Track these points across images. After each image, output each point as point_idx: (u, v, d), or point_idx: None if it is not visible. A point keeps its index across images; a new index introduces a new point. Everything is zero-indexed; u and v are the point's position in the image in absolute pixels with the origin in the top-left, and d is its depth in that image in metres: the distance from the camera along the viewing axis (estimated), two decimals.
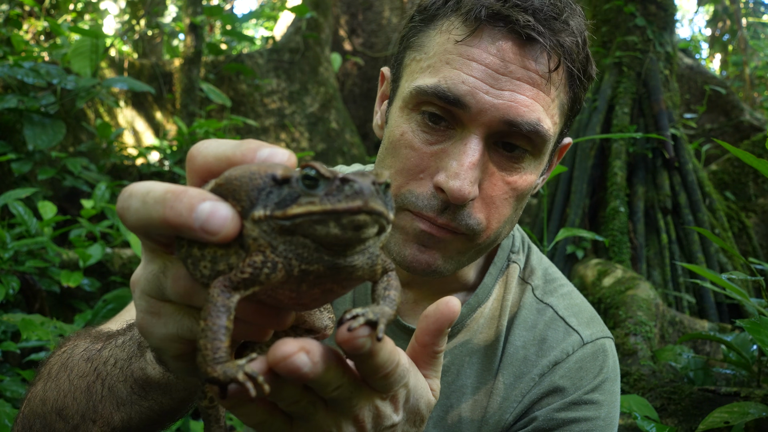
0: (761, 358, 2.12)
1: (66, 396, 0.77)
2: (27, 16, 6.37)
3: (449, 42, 0.87)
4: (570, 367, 1.00)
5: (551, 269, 1.14)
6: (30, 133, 3.81)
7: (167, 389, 0.70)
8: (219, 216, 0.45)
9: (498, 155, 0.89)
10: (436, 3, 0.91)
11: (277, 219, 0.45)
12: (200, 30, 5.80)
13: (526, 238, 1.19)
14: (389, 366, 0.51)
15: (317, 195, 0.44)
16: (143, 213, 0.48)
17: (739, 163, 5.18)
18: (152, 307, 0.54)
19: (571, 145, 4.14)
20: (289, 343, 0.45)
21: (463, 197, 0.84)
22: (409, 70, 0.93)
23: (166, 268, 0.52)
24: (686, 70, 7.50)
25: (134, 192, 0.49)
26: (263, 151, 0.49)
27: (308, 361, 0.45)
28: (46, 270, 3.14)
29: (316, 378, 0.47)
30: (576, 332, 1.03)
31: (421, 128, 0.90)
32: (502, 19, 0.83)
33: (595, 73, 0.96)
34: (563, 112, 0.92)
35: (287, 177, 0.45)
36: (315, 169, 0.45)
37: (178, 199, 0.45)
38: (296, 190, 0.45)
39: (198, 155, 0.51)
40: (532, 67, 0.84)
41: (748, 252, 4.64)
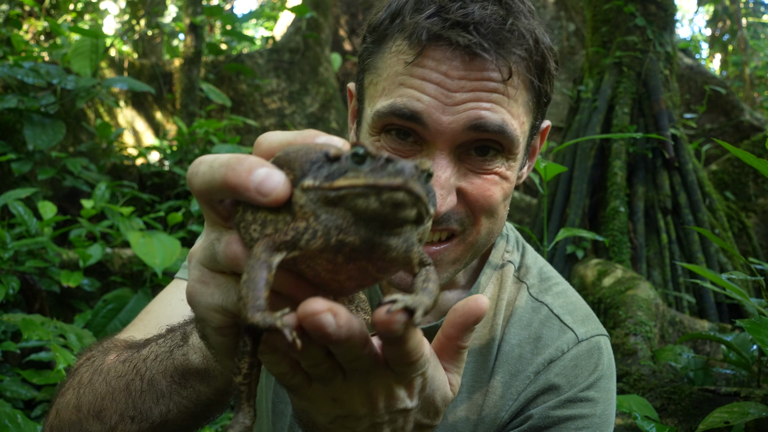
0: (761, 358, 2.12)
1: (104, 398, 0.80)
2: (27, 16, 6.37)
3: (399, 64, 0.87)
4: (565, 365, 1.01)
5: (546, 268, 1.15)
6: (30, 133, 3.82)
7: (206, 376, 0.73)
8: (273, 180, 0.50)
9: (471, 160, 0.90)
10: (384, 23, 0.91)
11: (324, 190, 0.49)
12: (200, 30, 5.80)
13: (520, 238, 1.19)
14: (416, 355, 0.53)
15: (362, 170, 0.48)
16: (209, 176, 0.52)
17: (739, 163, 5.18)
18: (203, 276, 0.58)
19: (571, 145, 4.10)
20: (319, 302, 0.47)
21: (437, 213, 0.86)
22: (368, 94, 0.95)
23: (221, 235, 0.56)
24: (686, 70, 7.50)
25: (204, 159, 0.55)
26: (321, 138, 0.54)
27: (333, 322, 0.47)
28: (46, 270, 3.14)
29: (338, 342, 0.48)
30: (571, 330, 1.04)
31: (391, 145, 0.91)
32: (444, 40, 0.83)
33: (556, 63, 0.95)
34: (529, 108, 0.93)
35: (339, 155, 0.50)
36: (363, 148, 0.49)
37: (239, 163, 0.50)
38: (344, 166, 0.49)
39: (264, 141, 0.57)
40: (485, 78, 0.84)
41: (748, 252, 4.64)
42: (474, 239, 0.94)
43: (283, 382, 0.58)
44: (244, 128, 6.99)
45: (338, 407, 0.58)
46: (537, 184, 2.20)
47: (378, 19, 0.93)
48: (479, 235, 0.94)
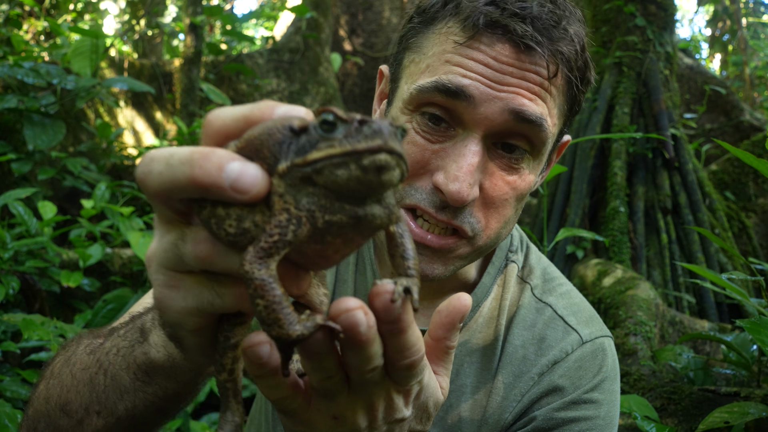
0: (761, 358, 2.12)
1: (69, 391, 0.77)
2: (27, 16, 6.37)
3: (448, 43, 0.87)
4: (569, 366, 1.00)
5: (550, 268, 1.15)
6: (30, 133, 3.81)
7: (172, 372, 0.69)
8: (249, 175, 0.45)
9: (498, 156, 0.89)
10: (435, 5, 0.91)
11: (299, 167, 0.45)
12: (200, 30, 5.80)
13: (524, 238, 1.19)
14: (416, 352, 0.52)
15: (336, 138, 0.44)
16: (168, 175, 0.47)
17: (739, 163, 5.18)
18: (170, 280, 0.54)
19: (571, 145, 4.11)
20: (351, 300, 0.46)
21: (462, 200, 0.85)
22: (408, 72, 0.94)
23: (185, 234, 0.52)
24: (686, 70, 7.50)
25: (156, 156, 0.49)
26: (280, 109, 0.49)
27: (365, 321, 0.46)
28: (46, 270, 3.14)
29: (367, 342, 0.47)
30: (575, 331, 1.04)
31: (422, 128, 0.90)
32: (501, 27, 0.84)
33: (593, 77, 0.96)
34: (562, 113, 0.93)
35: (304, 126, 0.46)
36: (332, 113, 0.44)
37: (206, 159, 0.46)
38: (315, 137, 0.45)
39: (215, 119, 0.52)
40: (532, 71, 0.85)
41: (748, 252, 4.64)
42: (483, 243, 0.94)
43: (282, 407, 0.55)
44: None
45: (339, 425, 0.56)
46: None
47: (429, 2, 0.93)
48: (489, 239, 0.94)
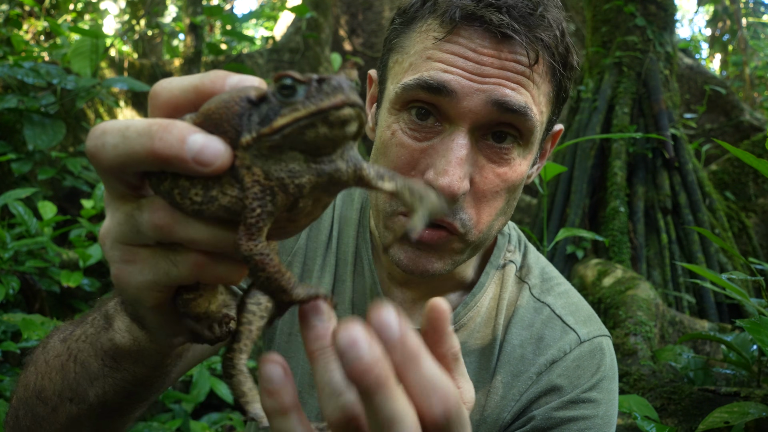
0: (761, 358, 2.12)
1: (43, 378, 0.78)
2: (27, 16, 6.37)
3: (428, 40, 0.88)
4: (567, 366, 1.01)
5: (548, 268, 1.15)
6: (30, 133, 3.81)
7: (138, 356, 0.69)
8: (212, 147, 0.44)
9: (487, 147, 0.90)
10: (415, 5, 0.93)
11: (266, 136, 0.44)
12: (200, 30, 5.80)
13: (522, 237, 1.19)
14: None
15: (298, 101, 0.44)
16: (123, 148, 0.45)
17: (739, 163, 5.18)
18: (126, 254, 0.52)
19: (571, 145, 4.12)
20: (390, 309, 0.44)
21: (453, 193, 0.85)
22: (393, 72, 0.95)
23: (141, 204, 0.50)
24: (686, 70, 7.50)
25: (109, 129, 0.46)
26: (232, 79, 0.47)
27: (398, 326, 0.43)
28: (46, 270, 3.14)
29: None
30: (573, 331, 1.04)
31: (410, 126, 0.90)
32: (477, 19, 0.85)
33: (578, 62, 0.96)
34: (549, 100, 0.93)
35: (262, 95, 0.45)
36: (289, 77, 0.44)
37: (166, 131, 0.44)
38: (276, 104, 0.44)
39: (162, 90, 0.49)
40: (512, 60, 0.85)
41: (748, 252, 4.64)
42: (476, 237, 0.94)
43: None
44: None
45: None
46: (537, 184, 2.20)
47: (408, 2, 0.94)
48: (481, 233, 0.94)
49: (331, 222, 1.16)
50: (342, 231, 1.15)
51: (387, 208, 0.94)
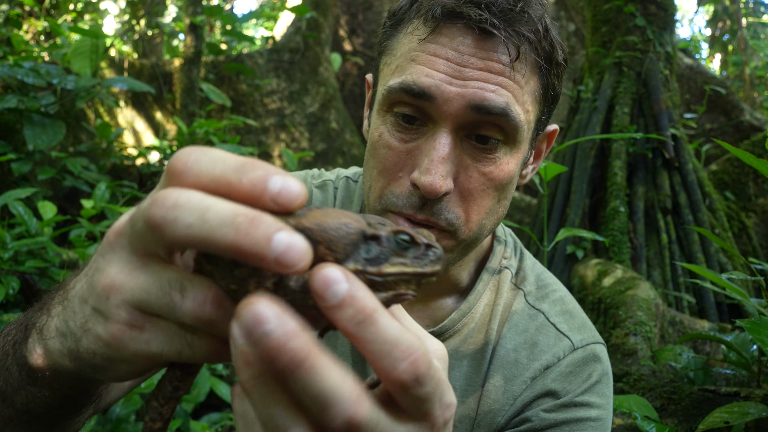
0: (761, 358, 2.12)
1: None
2: (27, 16, 6.37)
3: (413, 42, 0.89)
4: (561, 371, 1.01)
5: (544, 275, 1.15)
6: (30, 133, 3.82)
7: (52, 381, 0.61)
8: (297, 249, 0.40)
9: (471, 147, 0.90)
10: (403, 7, 0.94)
11: (371, 275, 0.47)
12: (200, 30, 5.80)
13: (518, 243, 1.19)
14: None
15: (408, 257, 0.48)
16: (200, 232, 0.40)
17: (739, 163, 5.18)
18: (137, 320, 0.47)
19: (571, 145, 4.09)
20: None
21: (435, 191, 0.86)
22: (382, 74, 0.96)
23: (184, 287, 0.45)
24: (686, 70, 7.50)
25: (184, 203, 0.41)
26: (274, 182, 0.42)
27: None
28: (46, 270, 3.13)
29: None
30: (567, 337, 1.04)
31: (396, 128, 0.92)
32: (457, 16, 0.85)
33: (565, 59, 0.96)
34: (536, 98, 0.93)
35: (376, 235, 0.48)
36: (408, 235, 0.48)
37: (253, 226, 0.40)
38: (387, 250, 0.47)
39: (188, 172, 0.43)
40: (494, 58, 0.86)
41: (748, 252, 4.64)
42: (466, 236, 0.94)
43: None
44: (244, 128, 6.99)
45: None
46: (537, 184, 2.20)
47: (398, 5, 0.96)
48: (471, 232, 0.94)
49: None
50: None
51: (377, 207, 0.95)
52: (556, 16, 9.13)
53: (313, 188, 1.19)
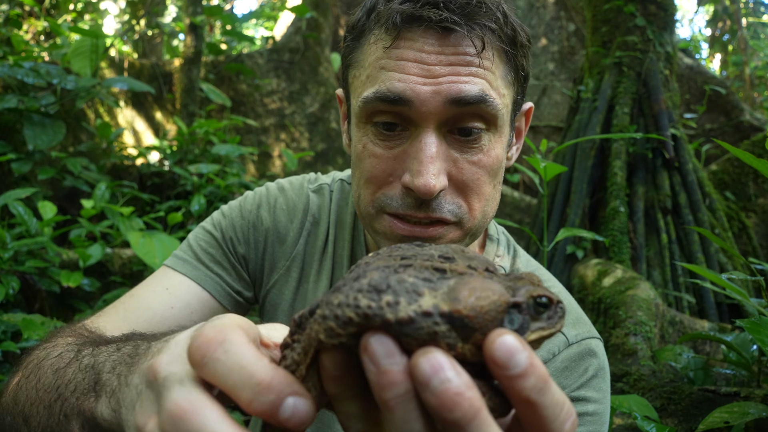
0: (761, 358, 2.12)
1: (32, 405, 0.75)
2: (27, 16, 6.37)
3: (378, 50, 0.90)
4: (556, 367, 1.02)
5: (538, 272, 1.15)
6: (30, 133, 3.81)
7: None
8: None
9: (456, 141, 0.91)
10: (361, 19, 0.96)
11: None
12: (200, 30, 5.80)
13: (511, 241, 1.20)
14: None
15: (542, 319, 0.48)
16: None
17: (739, 163, 5.18)
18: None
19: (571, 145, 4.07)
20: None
21: (430, 191, 0.87)
22: (353, 87, 0.97)
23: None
24: (686, 70, 7.50)
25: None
26: (284, 411, 0.44)
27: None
28: (46, 270, 3.14)
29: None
30: (561, 333, 1.04)
31: (378, 137, 0.93)
32: (417, 19, 0.86)
33: (527, 39, 0.97)
34: (509, 82, 0.95)
35: (518, 303, 0.47)
36: (548, 298, 0.48)
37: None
38: (528, 318, 0.47)
39: (205, 368, 0.46)
40: (461, 52, 0.87)
41: (748, 252, 4.64)
42: (472, 224, 0.96)
43: None
44: (244, 128, 6.99)
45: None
46: (537, 184, 2.20)
47: (355, 18, 0.98)
48: (476, 220, 0.96)
49: (327, 226, 1.17)
50: (338, 235, 1.16)
51: (370, 210, 0.95)
52: (556, 16, 9.14)
53: (309, 193, 1.20)
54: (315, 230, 1.17)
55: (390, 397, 0.40)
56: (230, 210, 1.18)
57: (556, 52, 8.98)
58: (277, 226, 1.16)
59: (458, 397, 0.38)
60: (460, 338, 0.43)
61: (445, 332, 0.42)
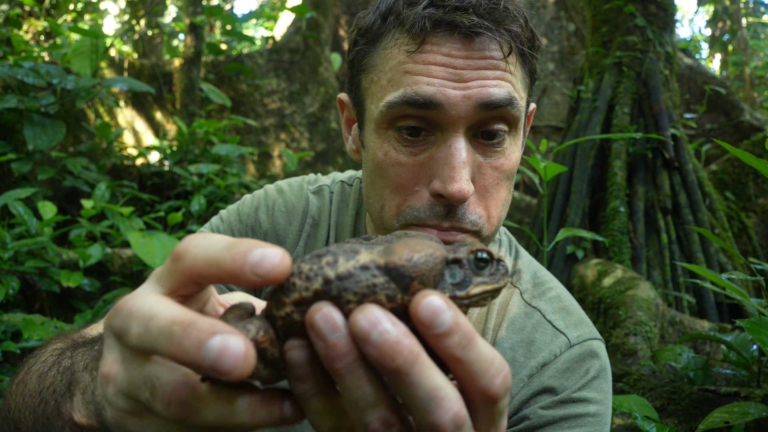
0: (761, 358, 2.12)
1: (21, 411, 0.75)
2: (27, 16, 6.37)
3: (402, 54, 0.88)
4: (558, 368, 1.01)
5: (540, 272, 1.15)
6: (30, 133, 3.82)
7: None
8: (230, 354, 0.40)
9: (480, 145, 0.91)
10: (376, 23, 0.92)
11: (459, 299, 0.49)
12: (200, 30, 5.80)
13: (513, 241, 1.20)
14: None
15: (485, 275, 0.50)
16: (147, 341, 0.43)
17: (739, 163, 5.18)
18: (133, 408, 0.48)
19: (571, 145, 4.07)
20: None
21: (464, 197, 0.86)
22: (371, 92, 0.94)
23: (154, 387, 0.45)
24: (686, 70, 7.51)
25: (135, 312, 0.44)
26: (254, 254, 0.43)
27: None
28: (46, 270, 3.14)
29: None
30: (563, 334, 1.04)
31: (402, 143, 0.91)
32: (446, 24, 0.85)
33: (541, 43, 0.98)
34: (525, 85, 0.95)
35: (458, 259, 0.50)
36: (488, 253, 0.50)
37: (185, 335, 0.41)
38: (469, 273, 0.50)
39: (186, 255, 0.46)
40: (487, 56, 0.87)
41: (748, 252, 4.64)
42: (489, 231, 0.95)
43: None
44: (244, 128, 6.99)
45: None
46: (537, 184, 2.20)
47: (368, 21, 0.94)
48: (493, 226, 0.96)
49: (328, 229, 1.16)
50: (338, 237, 1.16)
51: (394, 223, 0.94)
52: (556, 16, 9.14)
53: (309, 194, 1.18)
54: (315, 232, 1.16)
55: (340, 367, 0.42)
56: (228, 215, 1.18)
57: (556, 52, 8.98)
58: (276, 229, 1.16)
59: (397, 346, 0.40)
60: (400, 289, 0.45)
61: (384, 284, 0.44)
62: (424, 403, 0.41)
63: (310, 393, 0.46)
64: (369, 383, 0.43)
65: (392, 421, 0.44)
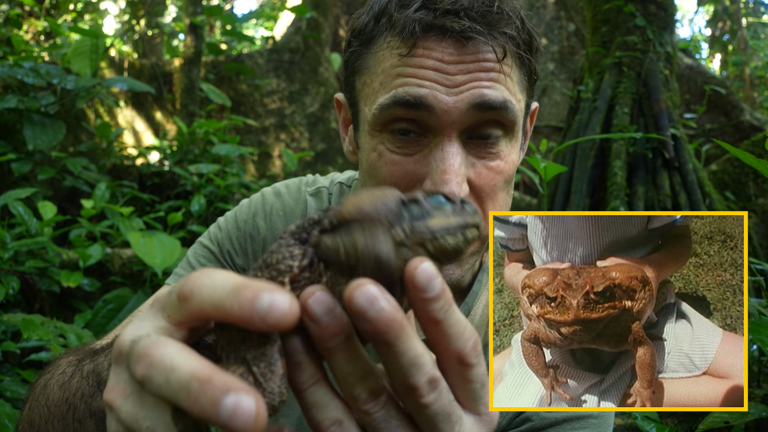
0: (761, 358, 2.12)
1: (47, 422, 0.76)
2: (27, 16, 6.37)
3: (393, 57, 0.87)
4: None
5: None
6: (30, 133, 3.82)
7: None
8: (243, 414, 0.40)
9: (475, 147, 0.90)
10: (369, 25, 0.91)
11: (418, 232, 0.49)
12: (200, 30, 5.80)
13: None
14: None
15: (447, 211, 0.50)
16: (168, 394, 0.43)
17: (739, 163, 5.18)
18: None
19: (571, 145, 4.07)
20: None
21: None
22: (364, 95, 0.94)
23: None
24: (686, 70, 7.50)
25: (156, 363, 0.44)
26: (262, 303, 0.43)
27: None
28: (46, 270, 3.14)
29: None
30: None
31: (395, 144, 0.90)
32: (437, 28, 0.84)
33: (540, 44, 0.96)
34: (523, 87, 0.94)
35: (414, 198, 0.51)
36: (443, 194, 0.51)
37: (202, 392, 0.41)
38: (428, 208, 0.50)
39: (192, 298, 0.46)
40: (480, 59, 0.85)
41: (748, 252, 4.63)
42: (487, 232, 0.95)
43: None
44: (244, 128, 6.99)
45: None
46: (537, 184, 2.20)
47: (361, 22, 0.93)
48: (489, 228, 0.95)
49: None
50: None
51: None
52: (556, 16, 9.14)
53: (307, 196, 1.17)
54: None
55: (333, 345, 0.45)
56: (226, 222, 1.16)
57: (556, 52, 8.98)
58: (274, 233, 1.14)
59: (391, 322, 0.43)
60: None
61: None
62: (406, 369, 0.45)
63: (309, 383, 0.48)
64: (358, 359, 0.46)
65: (380, 390, 0.47)
